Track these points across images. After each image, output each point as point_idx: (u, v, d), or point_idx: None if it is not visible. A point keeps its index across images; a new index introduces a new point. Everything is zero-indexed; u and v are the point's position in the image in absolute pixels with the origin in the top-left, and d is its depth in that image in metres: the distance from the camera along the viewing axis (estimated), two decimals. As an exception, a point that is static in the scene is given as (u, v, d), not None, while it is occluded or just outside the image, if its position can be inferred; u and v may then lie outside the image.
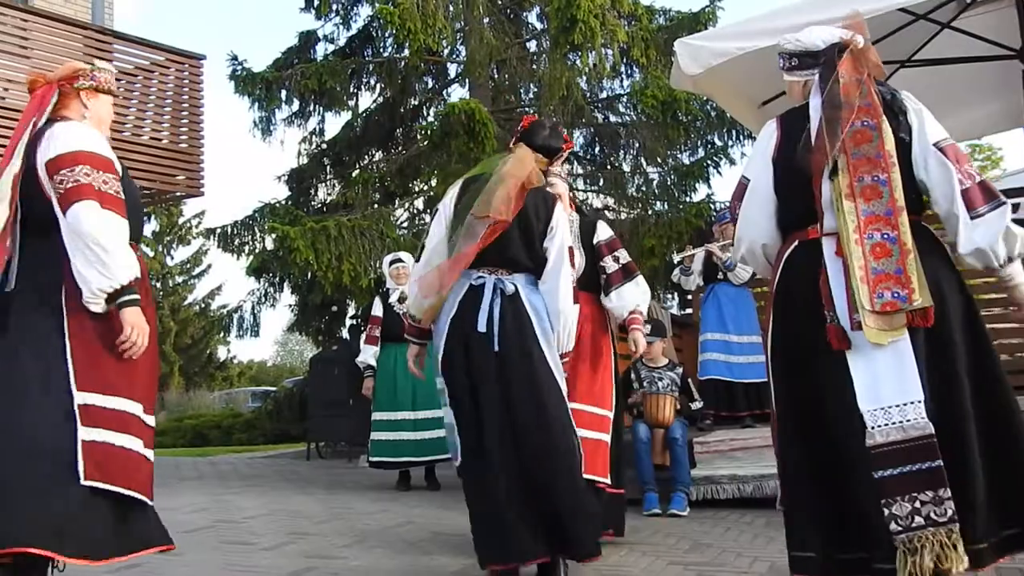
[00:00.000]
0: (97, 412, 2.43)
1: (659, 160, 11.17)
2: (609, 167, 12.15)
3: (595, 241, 3.82)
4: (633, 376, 5.63)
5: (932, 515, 2.15)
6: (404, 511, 5.15)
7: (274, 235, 8.98)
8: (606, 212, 11.54)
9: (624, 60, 10.67)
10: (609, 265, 3.78)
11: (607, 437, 3.70)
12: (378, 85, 11.93)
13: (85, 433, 2.39)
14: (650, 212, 10.54)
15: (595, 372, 3.76)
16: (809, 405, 2.38)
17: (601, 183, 12.12)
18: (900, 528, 2.15)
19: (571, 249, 3.16)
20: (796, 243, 2.46)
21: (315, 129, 12.02)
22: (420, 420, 6.23)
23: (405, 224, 11.89)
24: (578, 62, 9.82)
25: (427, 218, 12.72)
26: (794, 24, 4.23)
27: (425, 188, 11.75)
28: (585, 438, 3.28)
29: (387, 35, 11.08)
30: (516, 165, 3.09)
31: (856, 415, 2.24)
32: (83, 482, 2.35)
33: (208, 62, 9.78)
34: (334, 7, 11.52)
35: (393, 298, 6.39)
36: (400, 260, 6.57)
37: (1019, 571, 3.81)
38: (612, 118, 12.17)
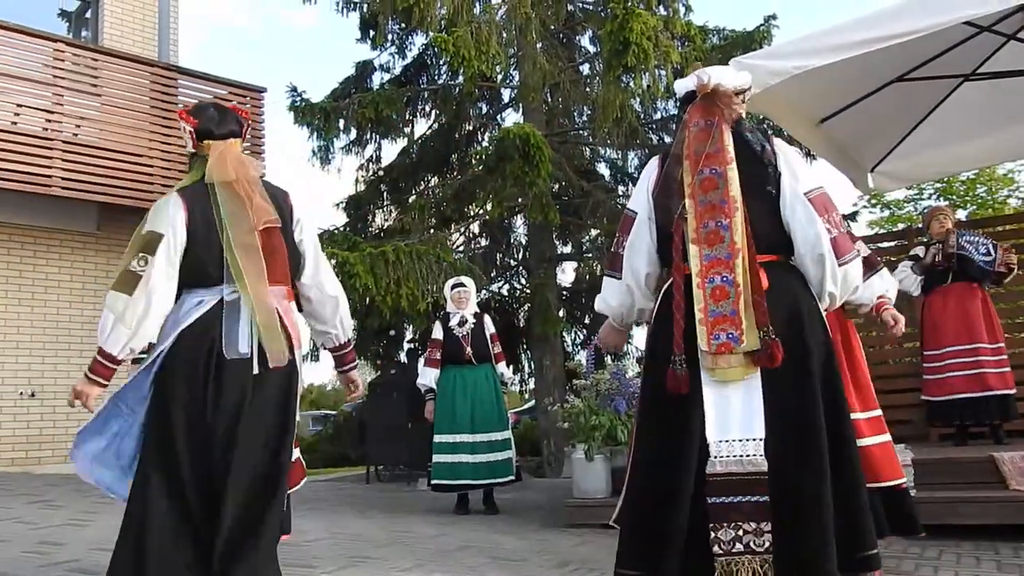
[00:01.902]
0: None
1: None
2: (664, 188, 12.06)
3: None
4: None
5: (752, 544, 2.32)
6: (463, 535, 5.14)
7: (334, 261, 9.12)
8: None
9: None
10: None
11: (887, 436, 3.64)
12: (433, 112, 12.10)
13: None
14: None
15: (855, 375, 3.69)
16: (667, 433, 2.45)
17: (657, 204, 12.05)
18: (721, 552, 2.32)
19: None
20: (671, 280, 2.55)
21: (372, 156, 12.23)
22: (478, 443, 6.25)
23: (461, 248, 11.99)
24: (631, 84, 9.81)
25: (483, 242, 12.82)
26: (851, 41, 4.20)
27: (480, 212, 11.83)
28: (871, 445, 3.34)
29: (442, 63, 11.25)
30: (222, 162, 2.73)
31: (704, 444, 2.38)
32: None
33: (268, 94, 10.04)
34: (389, 37, 11.73)
35: (453, 321, 6.44)
36: (462, 284, 6.65)
37: (1019, 567, 3.66)
38: (667, 139, 12.11)
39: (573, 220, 11.53)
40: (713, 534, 2.32)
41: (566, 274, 13.15)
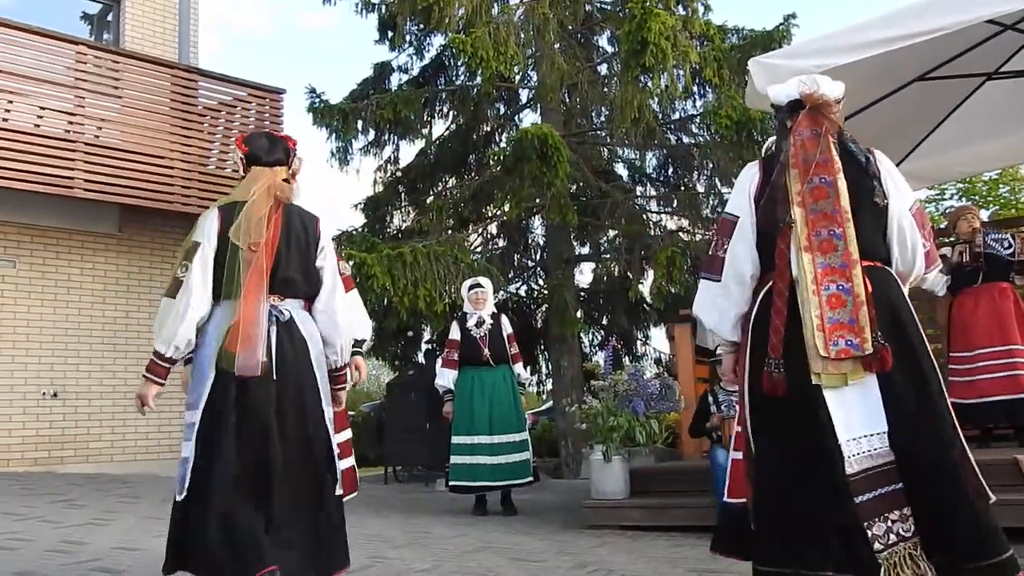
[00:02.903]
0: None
1: (734, 180, 11.02)
2: (683, 188, 12.05)
3: None
4: (711, 400, 5.54)
5: (900, 531, 2.36)
6: (481, 536, 5.14)
7: (352, 262, 9.15)
8: (680, 234, 11.43)
9: (696, 81, 10.59)
10: None
11: None
12: (451, 113, 12.12)
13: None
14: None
15: None
16: (791, 438, 2.49)
17: (675, 204, 12.03)
18: (882, 547, 2.34)
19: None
20: (769, 284, 2.57)
21: (390, 157, 12.27)
22: (497, 444, 6.25)
23: (479, 249, 11.99)
24: (650, 84, 9.78)
25: (501, 243, 12.83)
26: (873, 39, 4.16)
27: (498, 213, 11.83)
28: None
29: (459, 64, 11.27)
30: (249, 183, 2.99)
31: (836, 446, 2.40)
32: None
33: (286, 95, 10.08)
34: (407, 38, 11.75)
35: (471, 322, 6.44)
36: (480, 285, 6.64)
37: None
38: (685, 139, 12.08)
39: (591, 221, 11.51)
40: (870, 531, 2.34)
41: (584, 275, 13.14)
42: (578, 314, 11.28)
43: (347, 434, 4.09)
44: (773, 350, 2.48)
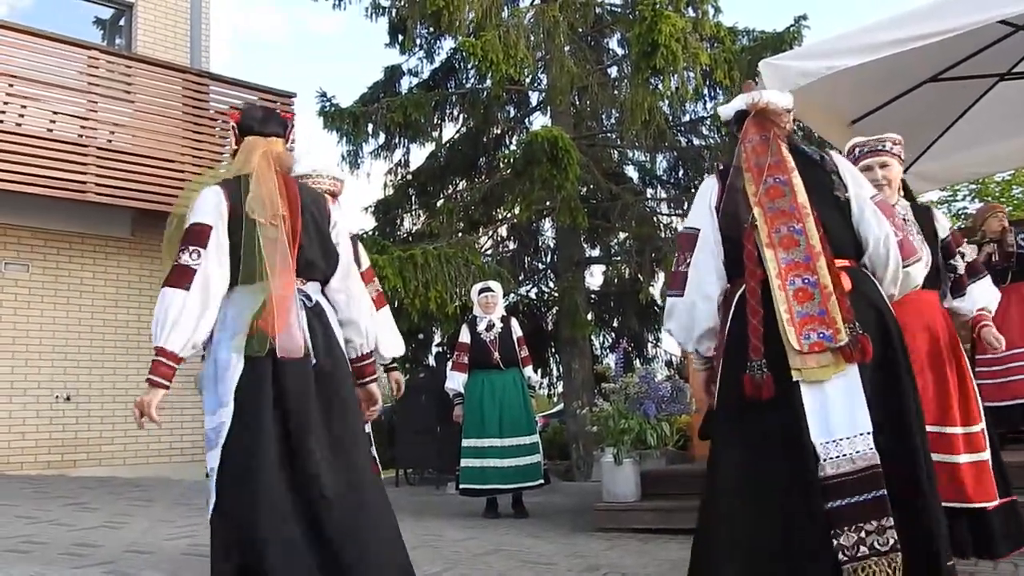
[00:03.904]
0: None
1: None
2: (693, 190, 12.00)
3: (943, 236, 3.43)
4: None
5: (875, 544, 2.24)
6: (493, 539, 5.14)
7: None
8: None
9: (707, 83, 10.58)
10: (960, 264, 3.46)
11: (986, 455, 3.22)
12: (461, 116, 12.15)
13: None
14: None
15: (964, 385, 3.32)
16: (759, 442, 2.41)
17: (685, 206, 12.00)
18: (846, 558, 2.24)
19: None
20: (743, 288, 2.54)
21: (400, 161, 12.31)
22: (507, 447, 6.25)
23: (489, 252, 12.00)
24: (660, 86, 9.78)
25: (511, 245, 12.84)
26: (884, 41, 4.15)
27: (509, 216, 11.84)
28: (965, 463, 3.09)
29: (470, 67, 11.29)
30: (246, 153, 2.78)
31: (809, 448, 2.32)
32: None
33: (298, 99, 10.12)
34: (418, 42, 11.79)
35: (481, 326, 6.45)
36: (490, 289, 6.64)
37: (1014, 564, 3.57)
38: (696, 141, 12.07)
39: (601, 223, 11.51)
40: (836, 541, 2.25)
41: (594, 277, 13.14)
42: (589, 316, 11.28)
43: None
44: (754, 351, 2.42)
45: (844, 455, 2.31)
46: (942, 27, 4.00)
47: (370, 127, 11.05)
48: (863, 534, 2.25)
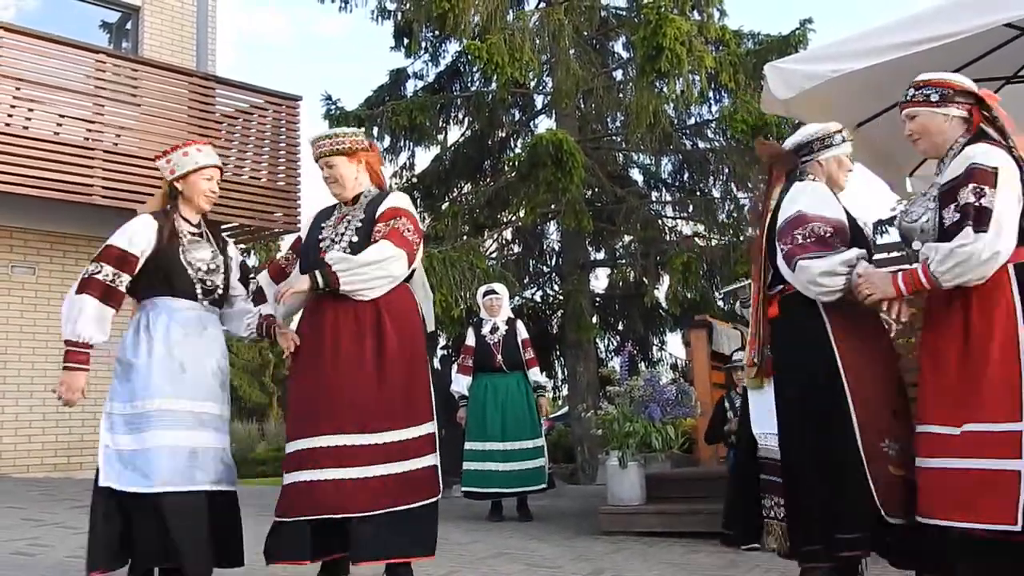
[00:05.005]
0: None
1: (750, 185, 10.98)
2: (698, 193, 12.02)
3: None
4: (727, 406, 5.52)
5: (775, 513, 3.31)
6: (497, 541, 5.14)
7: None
8: (696, 240, 11.40)
9: (712, 86, 10.57)
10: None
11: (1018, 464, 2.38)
12: (466, 119, 12.15)
13: None
14: (741, 238, 10.35)
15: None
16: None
17: (691, 209, 12.00)
18: (765, 516, 3.37)
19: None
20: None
21: (405, 164, 12.31)
22: (510, 451, 6.24)
23: (494, 255, 12.00)
24: (665, 89, 9.78)
25: (516, 248, 12.84)
26: (889, 44, 4.14)
27: (513, 219, 11.84)
28: (981, 470, 2.42)
29: (475, 70, 11.30)
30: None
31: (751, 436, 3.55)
32: None
33: (303, 102, 10.13)
34: (423, 45, 11.80)
35: (485, 329, 6.44)
36: (494, 292, 6.62)
37: None
38: (701, 144, 12.05)
39: (606, 226, 11.50)
40: (766, 503, 3.37)
41: (599, 280, 13.11)
42: (593, 320, 11.27)
43: None
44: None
45: (764, 445, 3.43)
46: (948, 30, 3.99)
47: (375, 130, 11.05)
48: (772, 502, 3.32)
